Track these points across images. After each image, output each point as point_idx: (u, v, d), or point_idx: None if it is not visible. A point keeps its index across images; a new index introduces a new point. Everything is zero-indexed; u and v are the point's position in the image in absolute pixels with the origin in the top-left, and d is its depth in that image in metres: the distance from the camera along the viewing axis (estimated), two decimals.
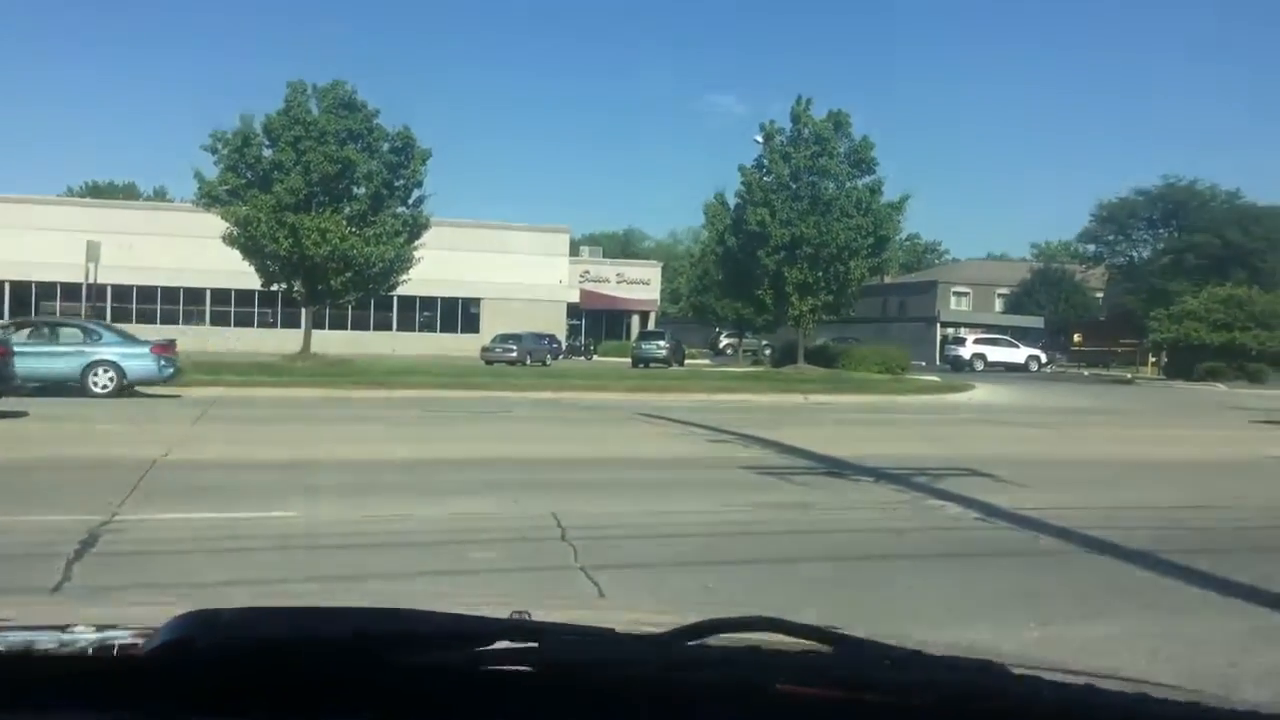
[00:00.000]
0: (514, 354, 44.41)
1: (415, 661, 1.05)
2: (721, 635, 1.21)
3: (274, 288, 34.47)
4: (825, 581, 6.46)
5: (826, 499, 9.45)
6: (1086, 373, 50.32)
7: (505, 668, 1.07)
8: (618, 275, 68.74)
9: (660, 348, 46.96)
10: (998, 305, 75.97)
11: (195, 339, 45.26)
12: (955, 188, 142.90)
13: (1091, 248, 70.66)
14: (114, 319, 46.33)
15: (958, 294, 76.65)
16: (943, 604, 5.85)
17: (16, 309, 48.86)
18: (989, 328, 60.72)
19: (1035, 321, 66.42)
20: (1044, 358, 54.08)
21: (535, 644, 1.08)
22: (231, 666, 1.03)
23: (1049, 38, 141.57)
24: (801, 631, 1.20)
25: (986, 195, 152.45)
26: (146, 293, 50.58)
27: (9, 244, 46.02)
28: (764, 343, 56.95)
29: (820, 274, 36.06)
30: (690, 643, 1.18)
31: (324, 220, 31.00)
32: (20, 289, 48.99)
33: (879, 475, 10.98)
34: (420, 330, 54.93)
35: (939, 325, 65.85)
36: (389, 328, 53.44)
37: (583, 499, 9.06)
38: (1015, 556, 7.43)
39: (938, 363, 54.29)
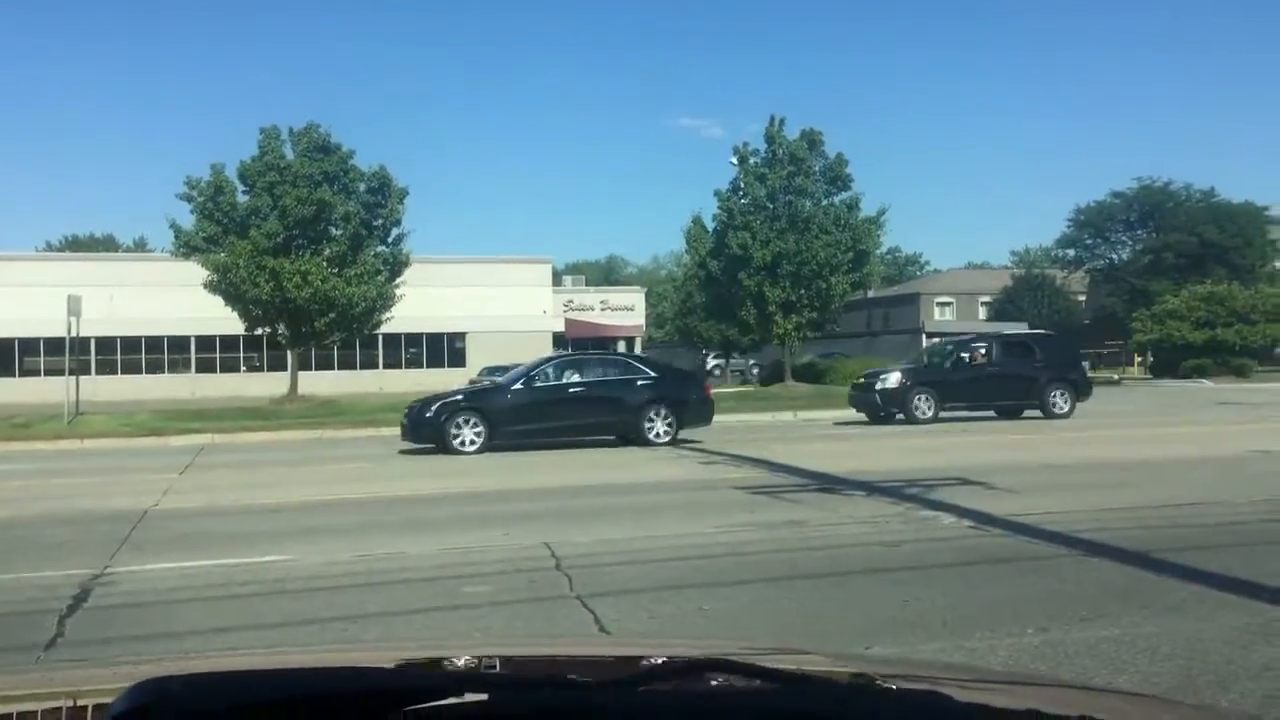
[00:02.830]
0: None
1: None
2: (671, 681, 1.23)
3: (258, 332, 34.40)
4: (821, 598, 6.46)
5: (819, 516, 9.45)
6: None
7: None
8: (601, 303, 68.82)
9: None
10: (981, 313, 76.26)
11: (182, 387, 45.14)
12: (933, 200, 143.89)
13: (1071, 252, 71.16)
14: (98, 371, 46.27)
15: (941, 304, 76.96)
16: (940, 614, 5.86)
17: (1, 366, 48.66)
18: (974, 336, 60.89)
19: (1019, 327, 66.60)
20: None
21: (484, 695, 1.10)
22: None
23: (1019, 45, 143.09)
24: (756, 673, 1.24)
25: (964, 205, 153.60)
26: (130, 343, 50.36)
27: None
28: (751, 362, 57.04)
29: (802, 291, 36.19)
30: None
31: (304, 263, 30.99)
32: (4, 345, 48.75)
33: (871, 489, 10.99)
34: (407, 367, 54.81)
35: (924, 336, 66.02)
36: (375, 366, 53.34)
37: (576, 527, 9.05)
38: (1010, 563, 7.43)
39: None
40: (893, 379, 22.40)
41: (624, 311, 68.03)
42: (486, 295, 56.04)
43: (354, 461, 16.51)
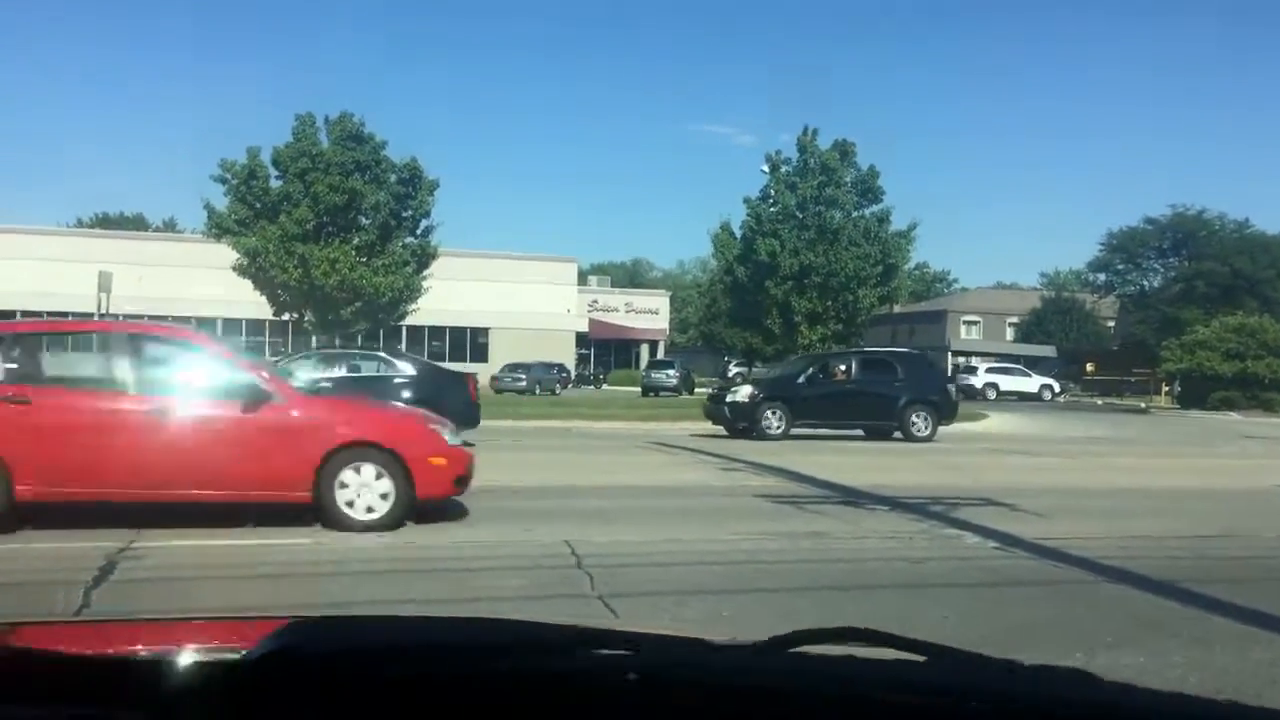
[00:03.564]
0: (523, 383, 44.47)
1: (514, 668, 1.06)
2: (813, 646, 1.20)
3: (284, 317, 34.62)
4: (844, 611, 6.41)
5: (841, 528, 9.40)
6: (1100, 402, 50.13)
7: (606, 675, 1.08)
8: (626, 305, 68.93)
9: (670, 377, 47.07)
10: (1008, 334, 75.92)
11: None
12: (964, 216, 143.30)
13: (1102, 276, 70.72)
14: None
15: (968, 323, 76.64)
16: (963, 635, 5.80)
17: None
18: (1001, 356, 60.63)
19: (1048, 350, 66.30)
20: (1057, 386, 53.93)
21: (634, 651, 1.09)
22: (333, 675, 1.04)
23: (1058, 65, 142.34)
24: (894, 642, 1.20)
25: (995, 224, 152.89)
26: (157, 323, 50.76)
27: (21, 274, 46.15)
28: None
29: (829, 303, 36.08)
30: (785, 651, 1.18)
31: (333, 250, 31.19)
32: (32, 319, 49.23)
33: (894, 504, 10.92)
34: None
35: (950, 354, 65.76)
36: None
37: (596, 527, 9.03)
38: (1036, 586, 7.36)
39: None
40: (743, 392, 21.77)
41: (648, 315, 68.11)
42: (511, 291, 56.20)
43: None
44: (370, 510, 8.50)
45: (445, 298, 41.03)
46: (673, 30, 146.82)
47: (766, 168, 38.03)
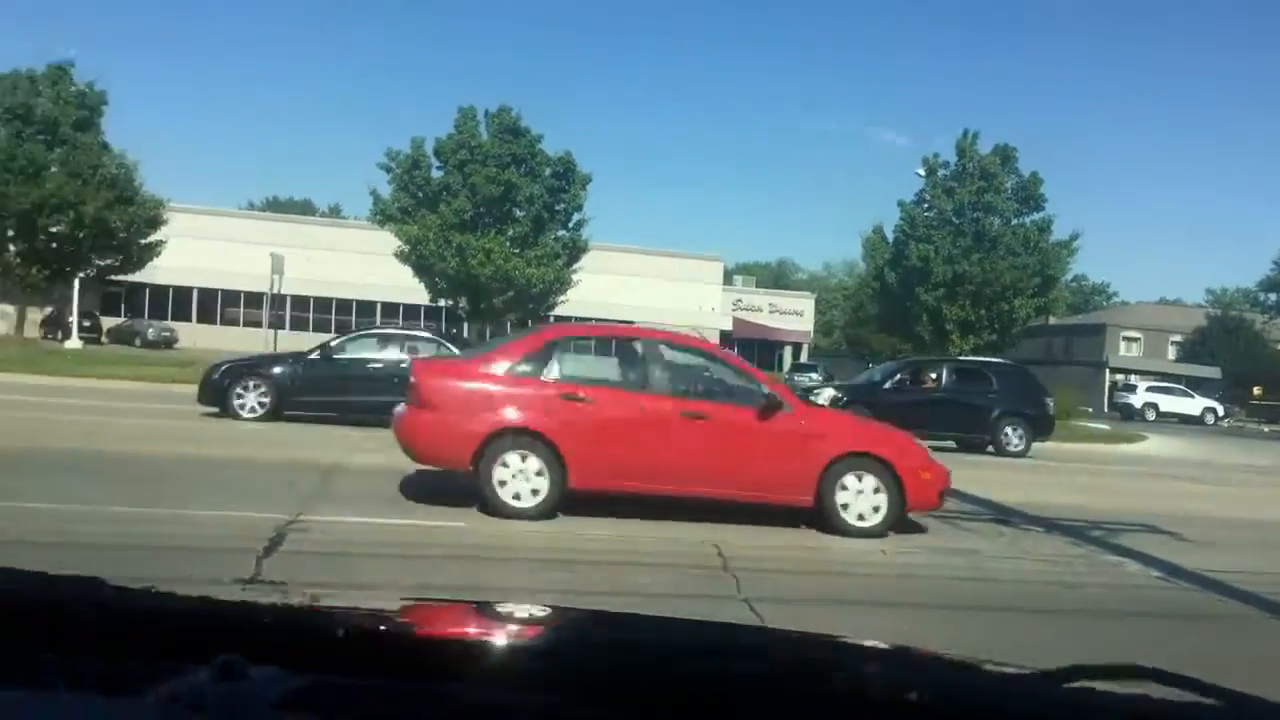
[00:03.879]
0: None
1: (787, 681, 1.07)
2: (1096, 682, 1.17)
3: (440, 304, 35.66)
4: (999, 633, 6.25)
5: (994, 547, 9.16)
6: (1266, 429, 47.43)
7: (884, 692, 1.07)
8: (770, 305, 68.49)
9: (813, 379, 46.56)
10: (1170, 353, 72.48)
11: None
12: (1126, 227, 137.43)
13: (1273, 296, 66.86)
14: (293, 327, 48.80)
15: (1128, 339, 73.40)
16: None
17: (201, 315, 51.95)
18: (1162, 375, 58.07)
19: (1212, 371, 63.10)
20: (1221, 410, 51.38)
21: (898, 668, 1.09)
22: (633, 669, 1.09)
23: (1227, 76, 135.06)
24: (1188, 685, 1.16)
25: (1160, 236, 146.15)
26: (322, 304, 52.97)
27: (197, 253, 48.70)
28: None
29: (983, 312, 35.11)
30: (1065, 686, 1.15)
31: (489, 241, 31.96)
32: (206, 295, 52.04)
33: (1049, 525, 10.58)
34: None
35: (1107, 371, 63.22)
36: None
37: (739, 528, 9.00)
38: (1199, 620, 7.05)
39: (1105, 410, 52.19)
40: (825, 395, 21.01)
41: (792, 316, 67.53)
42: (657, 287, 56.54)
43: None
44: (861, 518, 9.00)
45: (591, 290, 41.54)
46: (827, 29, 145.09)
47: (923, 171, 37.25)
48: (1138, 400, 50.35)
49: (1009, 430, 20.74)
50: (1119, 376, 60.91)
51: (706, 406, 9.02)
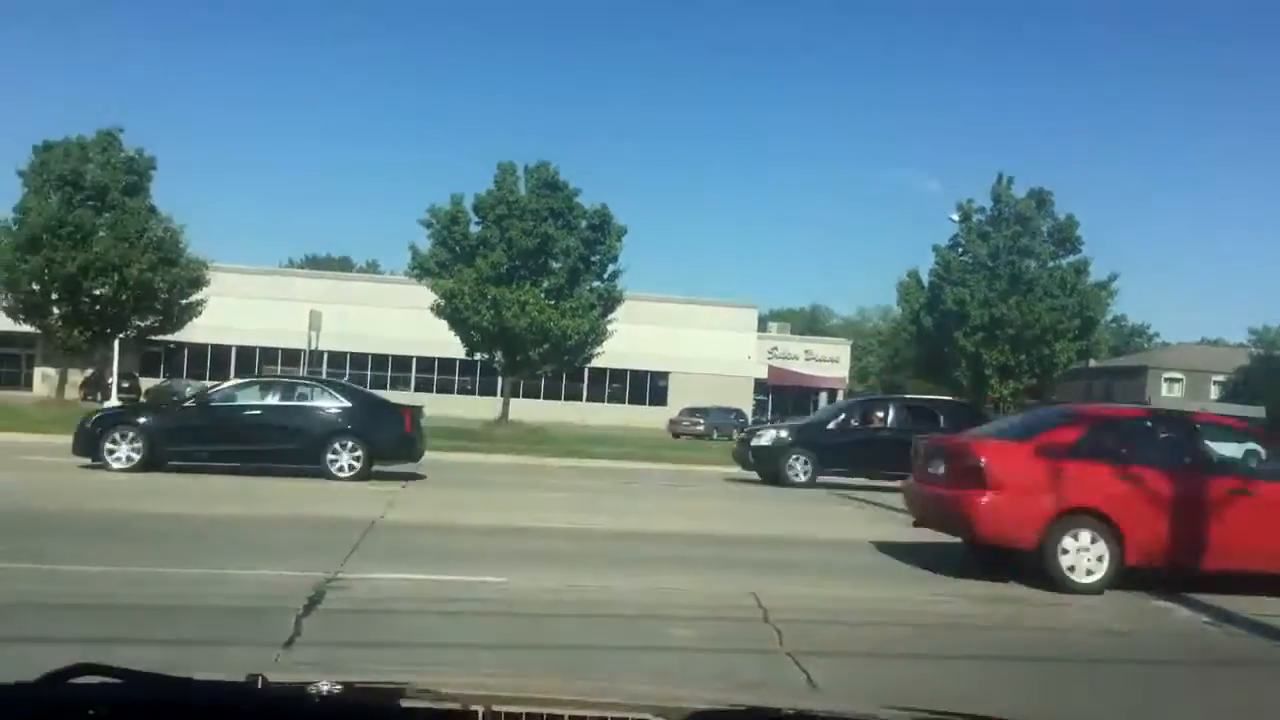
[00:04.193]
0: (701, 427, 44.67)
1: None
2: None
3: (476, 357, 35.90)
4: (1048, 685, 6.15)
5: (1041, 595, 9.01)
6: None
7: None
8: (806, 352, 68.35)
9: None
10: (1213, 393, 71.47)
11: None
12: (1165, 267, 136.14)
13: None
14: None
15: (1169, 380, 72.53)
16: (1176, 715, 5.47)
17: (240, 373, 52.59)
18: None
19: (1256, 412, 62.08)
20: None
21: None
22: None
23: (1263, 108, 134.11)
24: None
25: (1200, 275, 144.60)
26: (358, 359, 53.49)
27: (236, 311, 49.40)
28: None
29: (1022, 356, 34.84)
30: None
31: (524, 293, 32.20)
32: (244, 353, 52.71)
33: None
34: (609, 401, 55.94)
35: None
36: (580, 398, 54.67)
37: (782, 579, 8.95)
38: (1255, 667, 6.89)
39: None
40: (768, 436, 20.72)
41: (828, 363, 67.33)
42: (691, 336, 56.67)
43: (562, 491, 16.91)
44: None
45: (627, 341, 41.69)
46: (855, 76, 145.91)
47: (957, 216, 37.23)
48: None
49: None
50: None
51: (1248, 483, 9.37)
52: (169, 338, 39.74)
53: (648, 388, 56.96)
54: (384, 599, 7.46)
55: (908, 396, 25.14)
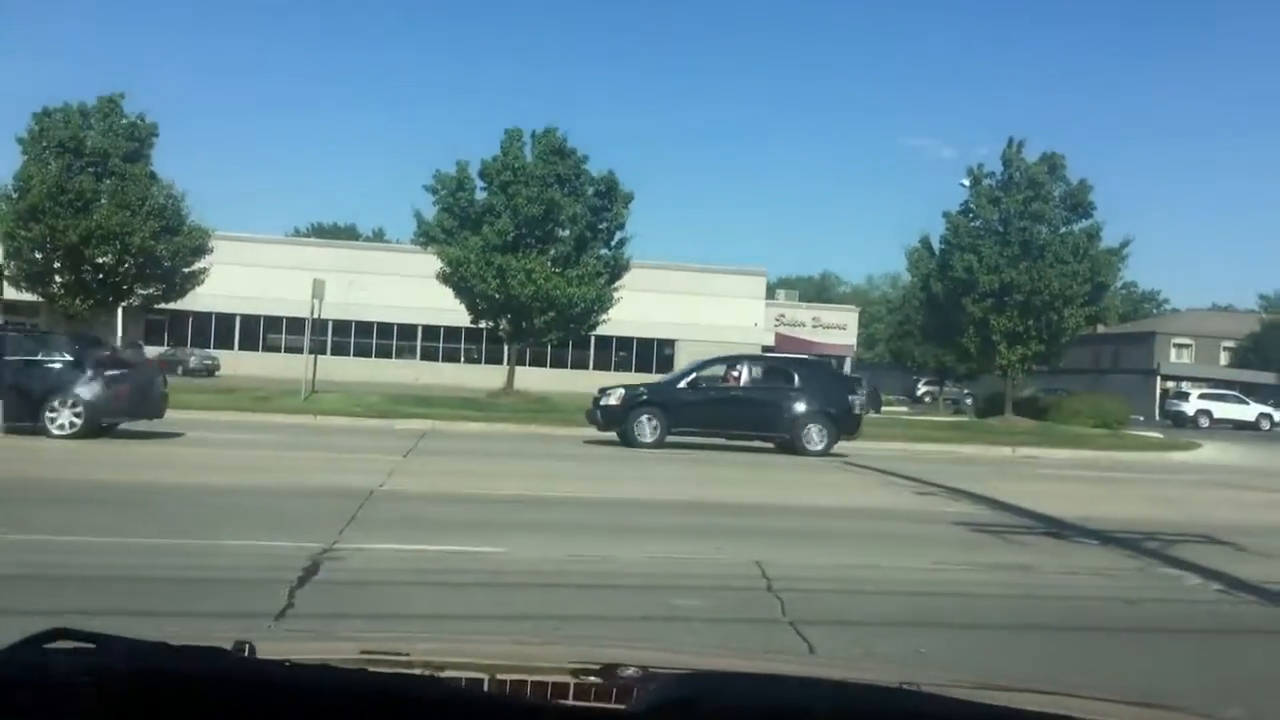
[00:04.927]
0: None
1: None
2: None
3: (481, 325, 35.74)
4: (1051, 654, 6.01)
5: (1047, 561, 8.88)
6: None
7: None
8: (814, 319, 68.07)
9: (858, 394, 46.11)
10: (1223, 359, 71.12)
11: (407, 372, 47.48)
12: (1175, 233, 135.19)
13: None
14: (334, 352, 49.12)
15: (1179, 345, 72.09)
16: (1186, 685, 5.33)
17: (244, 342, 52.53)
18: (1214, 382, 57.01)
19: (1267, 377, 61.82)
20: (1277, 416, 50.34)
21: None
22: None
23: (1277, 71, 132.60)
24: None
25: (1209, 241, 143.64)
26: (364, 328, 53.38)
27: (240, 280, 49.17)
28: (964, 391, 55.18)
29: (1031, 322, 34.54)
30: None
31: (530, 261, 31.96)
32: (249, 322, 52.63)
33: (1104, 538, 10.26)
34: (615, 369, 55.72)
35: (1158, 378, 62.12)
36: (586, 366, 54.48)
37: (786, 548, 8.83)
38: (1266, 635, 6.76)
39: (1157, 418, 51.32)
40: (615, 395, 20.24)
41: (836, 330, 67.05)
42: (698, 303, 56.41)
43: (566, 460, 16.81)
44: None
45: (632, 308, 41.43)
46: (867, 41, 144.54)
47: (967, 181, 36.80)
48: (1190, 408, 49.67)
49: (810, 429, 20.08)
50: (1170, 384, 59.88)
51: None
52: (173, 306, 39.58)
53: (654, 355, 56.72)
54: (380, 570, 7.35)
55: (763, 355, 24.76)
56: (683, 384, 20.74)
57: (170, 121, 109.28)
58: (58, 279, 33.08)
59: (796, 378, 20.86)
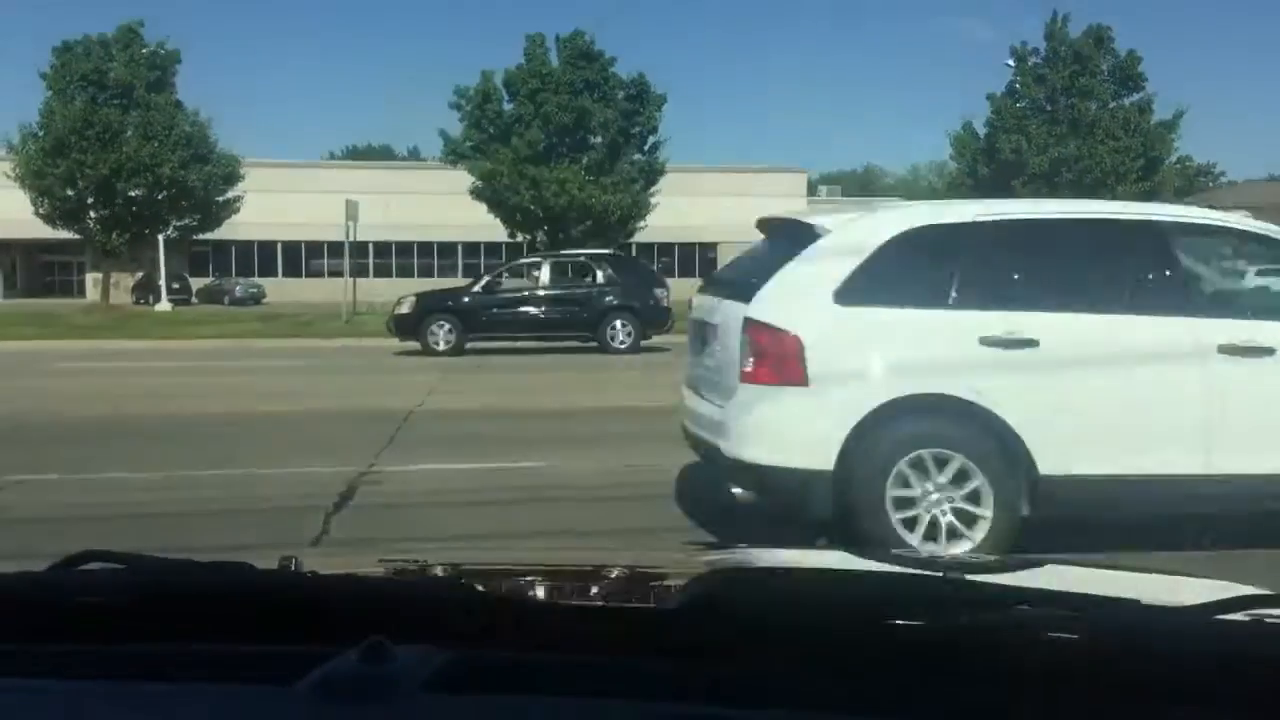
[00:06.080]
0: None
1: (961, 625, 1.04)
2: (1254, 611, 1.09)
3: (518, 239, 35.38)
4: None
5: None
6: None
7: (1056, 635, 1.01)
8: None
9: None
10: None
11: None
12: (1230, 102, 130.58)
13: None
14: (375, 274, 49.08)
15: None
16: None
17: (287, 269, 52.65)
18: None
19: None
20: None
21: (1079, 613, 1.04)
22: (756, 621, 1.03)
23: None
24: None
25: (1266, 108, 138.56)
26: (403, 248, 53.22)
27: (279, 207, 49.07)
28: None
29: None
30: (1224, 617, 1.06)
31: (563, 171, 31.43)
32: (292, 248, 52.67)
33: None
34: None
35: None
36: None
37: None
38: None
39: None
40: (406, 304, 19.32)
41: None
42: (738, 205, 55.28)
43: (619, 370, 16.48)
44: None
45: (672, 213, 40.77)
46: None
47: (1012, 61, 35.47)
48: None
49: (616, 325, 19.36)
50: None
51: None
52: (214, 236, 39.62)
53: (697, 260, 56.03)
54: (418, 492, 7.09)
55: (562, 252, 23.81)
56: (478, 288, 19.92)
57: (196, 52, 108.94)
58: (91, 214, 33.09)
59: (599, 275, 19.97)
